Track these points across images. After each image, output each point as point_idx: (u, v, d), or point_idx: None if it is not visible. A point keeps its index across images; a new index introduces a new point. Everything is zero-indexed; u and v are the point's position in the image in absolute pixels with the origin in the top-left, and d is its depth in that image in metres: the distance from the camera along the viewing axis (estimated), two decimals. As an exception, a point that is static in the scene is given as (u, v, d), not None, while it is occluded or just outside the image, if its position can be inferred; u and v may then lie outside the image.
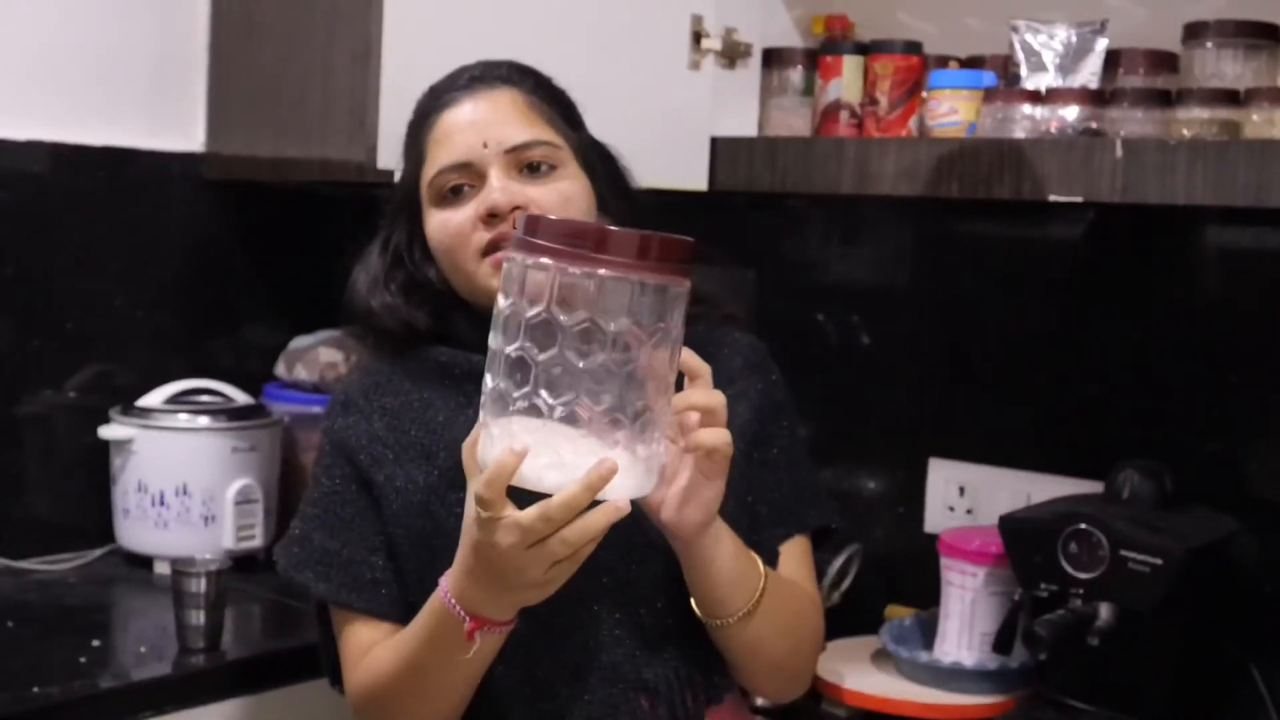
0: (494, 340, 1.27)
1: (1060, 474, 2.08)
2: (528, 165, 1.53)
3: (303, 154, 2.22)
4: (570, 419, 1.24)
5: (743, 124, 2.15)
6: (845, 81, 2.11)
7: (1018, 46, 1.99)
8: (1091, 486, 1.95)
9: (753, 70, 2.16)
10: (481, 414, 1.29)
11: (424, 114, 1.58)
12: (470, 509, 1.31)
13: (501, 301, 1.26)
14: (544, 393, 1.23)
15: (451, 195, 1.53)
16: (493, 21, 1.90)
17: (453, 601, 1.38)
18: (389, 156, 1.87)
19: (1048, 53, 1.97)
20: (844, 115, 2.11)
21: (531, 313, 1.23)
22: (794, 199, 2.27)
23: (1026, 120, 1.91)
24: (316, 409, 2.37)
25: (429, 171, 1.54)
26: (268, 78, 2.29)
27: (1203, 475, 1.95)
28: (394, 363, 1.62)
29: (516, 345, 1.24)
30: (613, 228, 1.25)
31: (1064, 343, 2.14)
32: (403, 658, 1.48)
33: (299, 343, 2.48)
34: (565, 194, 1.53)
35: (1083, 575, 1.78)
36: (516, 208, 1.49)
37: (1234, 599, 1.86)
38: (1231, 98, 1.80)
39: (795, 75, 2.17)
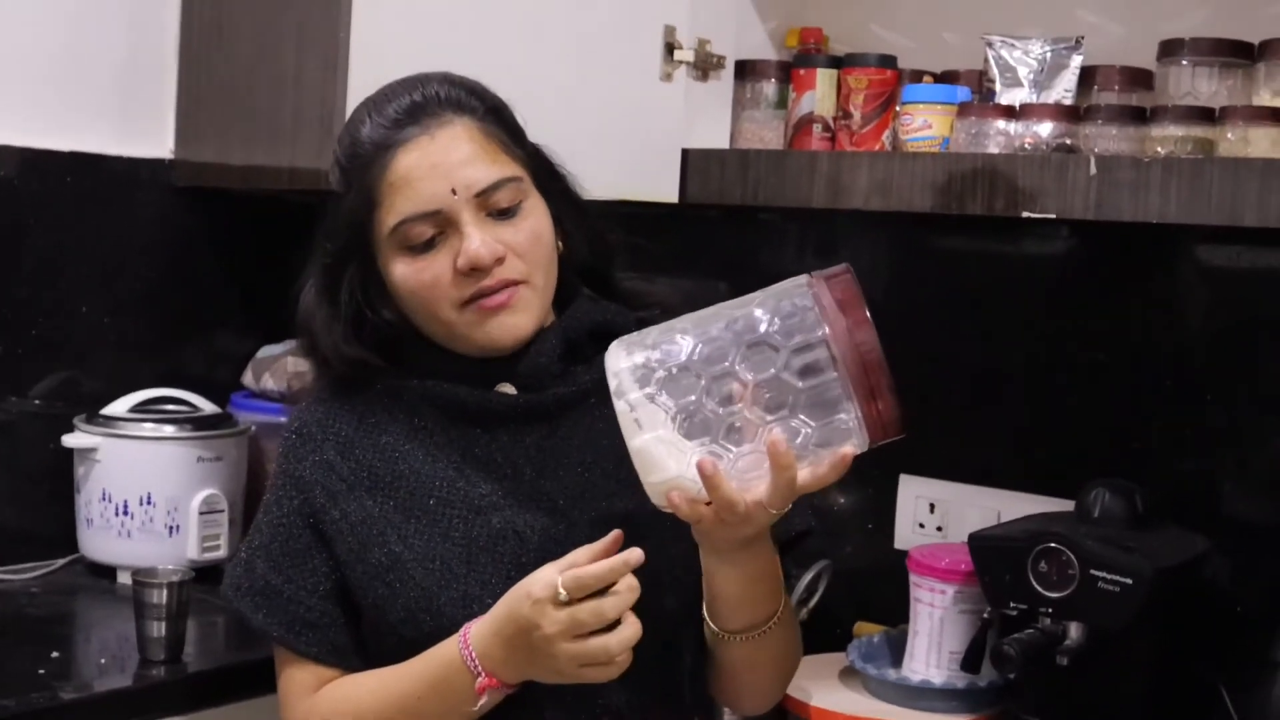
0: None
1: (1031, 492, 2.07)
2: (492, 210, 1.48)
3: (272, 162, 2.21)
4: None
5: (715, 136, 2.14)
6: (819, 95, 2.10)
7: (992, 62, 1.99)
8: (1062, 505, 1.94)
9: (725, 82, 2.15)
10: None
11: (372, 151, 1.48)
12: (539, 585, 1.35)
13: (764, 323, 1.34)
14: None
15: (418, 246, 1.48)
16: (462, 31, 1.89)
17: (474, 655, 1.40)
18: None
19: (1023, 68, 1.97)
20: (817, 128, 2.10)
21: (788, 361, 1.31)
22: (766, 212, 2.26)
23: (1000, 136, 1.91)
24: (284, 419, 2.34)
25: (388, 219, 1.47)
26: (238, 85, 2.28)
27: (1175, 494, 1.94)
28: (345, 389, 1.58)
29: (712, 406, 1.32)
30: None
31: (1036, 360, 2.14)
32: (394, 697, 1.46)
33: (267, 351, 2.46)
34: (536, 232, 1.51)
35: (1052, 594, 1.77)
36: (498, 260, 1.47)
37: (1205, 619, 1.85)
38: (1206, 115, 1.80)
39: (768, 88, 2.16)
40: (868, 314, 1.34)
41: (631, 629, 1.35)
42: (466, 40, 1.87)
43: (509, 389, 1.55)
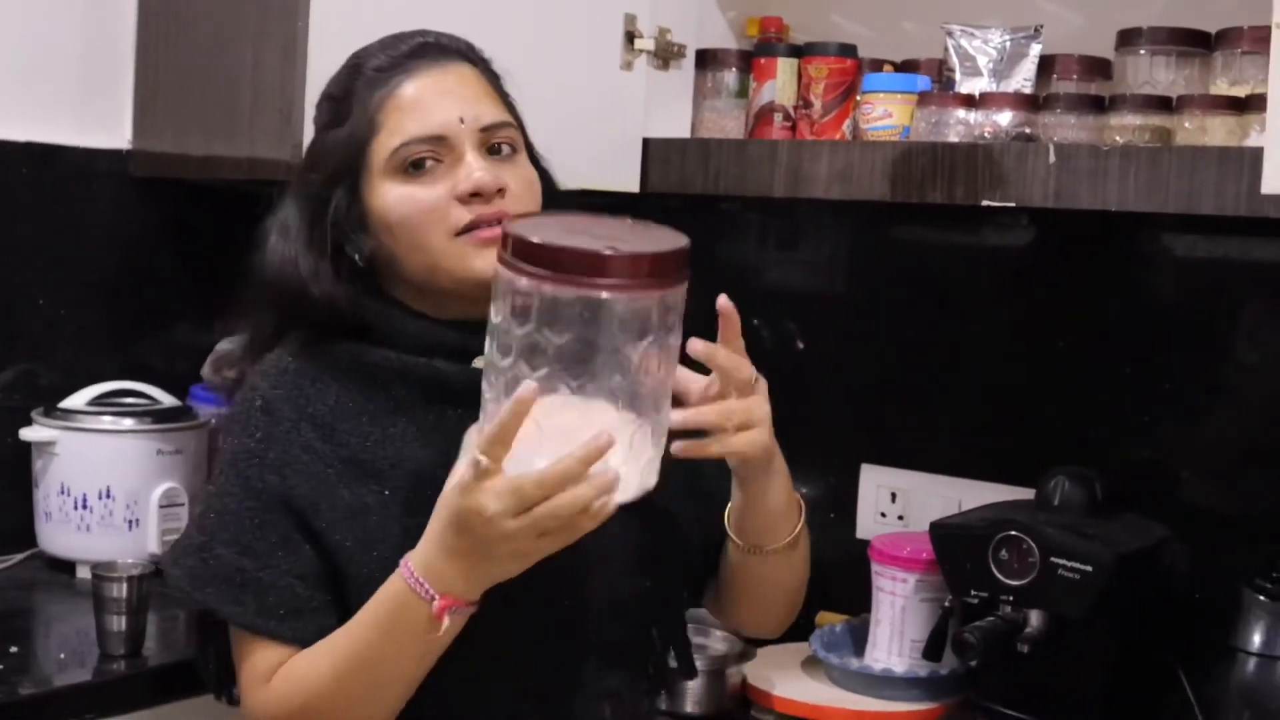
0: (488, 348, 1.29)
1: (992, 480, 2.08)
2: (492, 146, 1.48)
3: (231, 152, 2.19)
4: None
5: (676, 125, 2.14)
6: (779, 84, 2.10)
7: (952, 51, 1.99)
8: (1023, 493, 1.95)
9: (686, 71, 2.15)
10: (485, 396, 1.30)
11: (379, 76, 1.48)
12: (457, 475, 1.30)
13: (494, 316, 1.28)
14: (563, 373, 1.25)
15: (414, 169, 1.45)
16: (421, 20, 1.87)
17: (421, 580, 1.33)
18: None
19: (982, 57, 1.97)
20: (778, 118, 2.10)
21: (520, 331, 1.25)
22: (727, 201, 2.26)
23: (960, 125, 1.91)
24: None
25: (390, 141, 1.45)
26: (196, 74, 2.26)
27: (1134, 482, 1.95)
28: (311, 361, 1.49)
29: (510, 361, 1.26)
30: (609, 252, 1.24)
31: (997, 348, 2.14)
32: (348, 657, 1.39)
33: (227, 344, 2.44)
34: (529, 179, 1.51)
35: (1013, 582, 1.78)
36: (500, 190, 1.45)
37: (1164, 605, 1.86)
38: (1164, 104, 1.81)
39: (729, 77, 2.16)
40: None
41: (584, 489, 1.26)
42: (423, 26, 1.85)
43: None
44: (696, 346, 1.36)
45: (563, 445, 1.25)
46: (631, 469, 1.29)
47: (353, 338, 1.50)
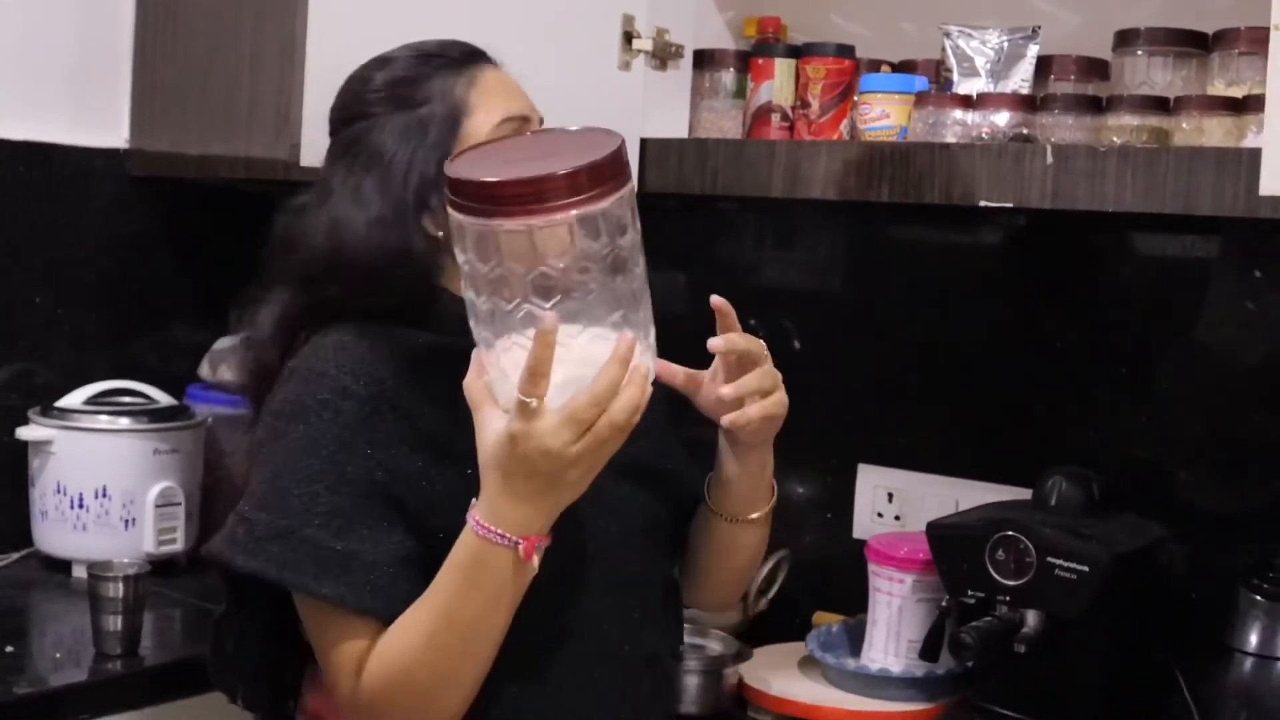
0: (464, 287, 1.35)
1: (989, 480, 2.08)
2: None
3: (228, 151, 2.20)
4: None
5: (673, 125, 2.13)
6: (777, 84, 2.10)
7: (950, 51, 1.99)
8: (1020, 493, 1.95)
9: (684, 71, 2.14)
10: (477, 347, 1.35)
11: (449, 65, 1.56)
12: (498, 428, 1.33)
13: (459, 258, 1.34)
14: (536, 299, 1.29)
15: None
16: (419, 20, 1.87)
17: (500, 532, 1.35)
18: (313, 155, 1.83)
19: (980, 58, 1.97)
20: (775, 118, 2.10)
21: (485, 269, 1.30)
22: (725, 201, 2.26)
23: (957, 125, 1.91)
24: (241, 410, 2.33)
25: (489, 118, 1.53)
26: (194, 74, 2.26)
27: (1132, 482, 1.95)
28: (373, 343, 1.48)
29: (485, 298, 1.32)
30: (537, 175, 1.28)
31: (995, 349, 2.14)
32: (441, 622, 1.39)
33: (224, 343, 2.44)
34: None
35: (1010, 582, 1.78)
36: None
37: (1161, 605, 1.86)
38: (1161, 105, 1.81)
39: (727, 77, 2.16)
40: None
41: (631, 391, 1.32)
42: (422, 29, 1.85)
43: None
44: (717, 344, 1.45)
45: (581, 362, 1.30)
46: (646, 360, 1.35)
47: (392, 321, 1.51)
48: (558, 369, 1.29)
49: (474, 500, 1.38)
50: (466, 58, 1.58)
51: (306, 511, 1.43)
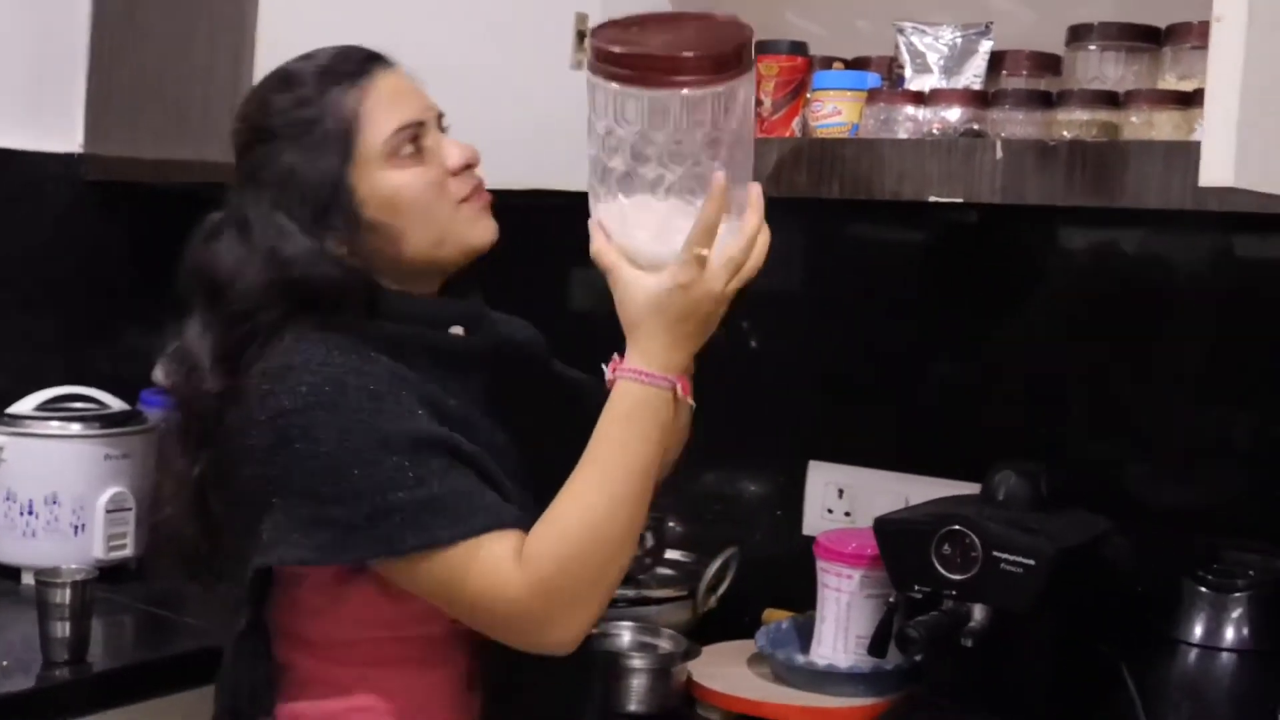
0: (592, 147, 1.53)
1: (940, 476, 2.08)
2: (443, 128, 1.63)
3: (184, 155, 2.19)
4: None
5: (627, 123, 2.13)
6: (725, 84, 2.09)
7: (903, 48, 2.00)
8: (970, 488, 1.95)
9: (638, 69, 2.14)
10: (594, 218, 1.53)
11: (344, 79, 1.56)
12: (651, 283, 1.46)
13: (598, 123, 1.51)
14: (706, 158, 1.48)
15: (408, 152, 1.56)
16: (372, 20, 1.87)
17: (662, 376, 1.47)
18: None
19: (933, 54, 1.98)
20: (727, 116, 2.10)
21: (633, 134, 1.47)
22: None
23: (909, 121, 1.91)
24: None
25: (381, 130, 1.54)
26: (149, 78, 2.26)
27: (1079, 476, 1.96)
28: (344, 337, 1.51)
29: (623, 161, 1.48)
30: (685, 54, 1.45)
31: (945, 344, 2.15)
32: (620, 477, 1.46)
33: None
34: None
35: (956, 576, 1.78)
36: (478, 159, 1.61)
37: (1107, 598, 1.86)
38: (1111, 99, 1.81)
39: (680, 74, 2.15)
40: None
41: (764, 234, 1.53)
42: (376, 29, 1.84)
43: (460, 331, 1.61)
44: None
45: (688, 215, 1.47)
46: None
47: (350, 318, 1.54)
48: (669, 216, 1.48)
49: (614, 357, 1.51)
50: (361, 67, 1.58)
51: (377, 487, 1.42)
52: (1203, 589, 1.74)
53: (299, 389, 1.45)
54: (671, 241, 1.47)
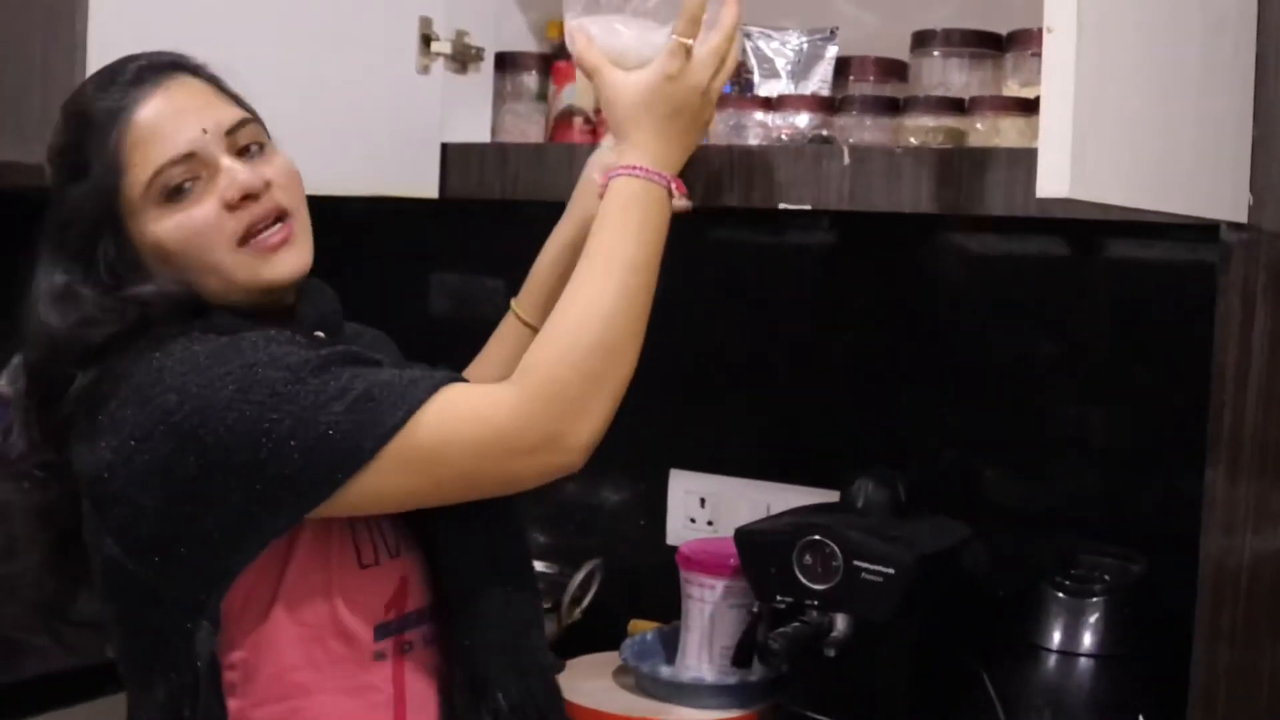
0: None
1: (801, 484, 2.08)
2: (243, 149, 1.47)
3: (20, 158, 2.11)
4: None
5: (475, 130, 2.09)
6: (579, 87, 2.06)
7: (750, 53, 1.98)
8: (831, 495, 1.95)
9: (485, 75, 2.09)
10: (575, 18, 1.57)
11: (108, 118, 1.43)
12: (638, 78, 1.50)
13: None
14: None
15: (176, 195, 1.42)
16: (207, 21, 1.81)
17: (656, 171, 1.49)
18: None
19: (780, 59, 1.96)
20: (578, 121, 2.07)
21: None
22: (533, 206, 2.22)
23: (759, 127, 1.89)
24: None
25: (142, 174, 1.42)
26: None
27: (938, 482, 1.96)
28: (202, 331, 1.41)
29: None
30: None
31: (803, 351, 2.14)
32: (623, 270, 1.45)
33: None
34: (288, 168, 1.50)
35: (817, 586, 1.77)
36: (266, 184, 1.45)
37: (967, 605, 1.87)
38: (957, 106, 1.81)
39: (529, 80, 2.12)
40: None
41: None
42: (211, 31, 1.78)
43: (321, 335, 1.52)
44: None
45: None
46: None
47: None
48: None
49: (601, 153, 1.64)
50: (125, 91, 1.44)
51: (309, 409, 1.33)
52: (1060, 594, 1.74)
53: (174, 382, 1.34)
54: (654, 41, 1.51)
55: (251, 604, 1.41)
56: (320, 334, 1.53)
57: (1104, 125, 1.35)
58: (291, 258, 1.47)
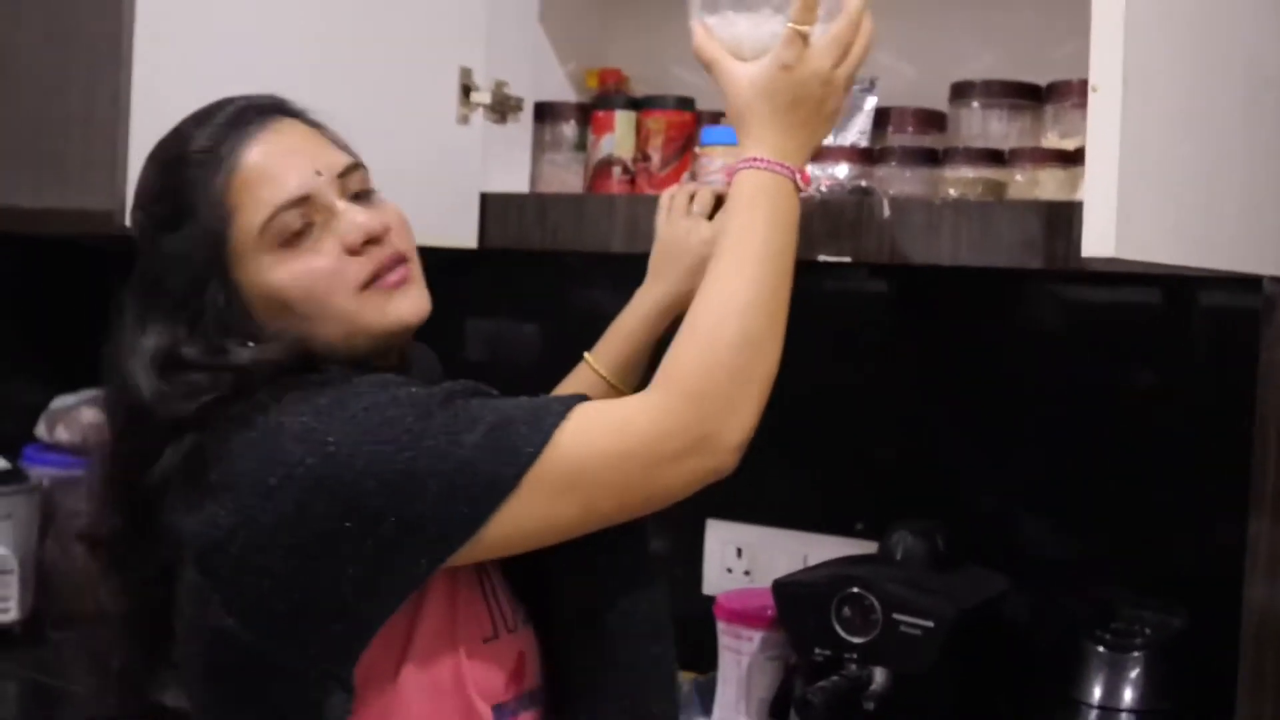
0: None
1: (838, 534, 2.07)
2: (355, 193, 1.40)
3: (62, 204, 2.13)
4: None
5: (514, 179, 2.10)
6: (618, 137, 2.07)
7: (789, 104, 1.98)
8: (869, 546, 1.94)
9: (524, 124, 2.11)
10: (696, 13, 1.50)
11: (206, 160, 1.35)
12: (756, 70, 1.44)
13: None
14: None
15: (292, 239, 1.35)
16: (250, 73, 1.82)
17: (780, 163, 1.43)
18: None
19: (819, 110, 1.96)
20: (616, 171, 2.08)
21: None
22: (571, 256, 2.23)
23: (796, 177, 1.90)
24: (79, 471, 2.27)
25: (255, 217, 1.33)
26: (24, 126, 2.19)
27: (977, 534, 1.95)
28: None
29: None
30: None
31: (842, 401, 2.13)
32: (756, 262, 1.41)
33: (61, 402, 2.38)
34: (400, 214, 1.44)
35: (856, 639, 1.77)
36: (386, 229, 1.39)
37: (1006, 657, 1.86)
38: (996, 157, 1.81)
39: (568, 130, 2.13)
40: None
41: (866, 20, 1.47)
42: (253, 79, 1.79)
43: None
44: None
45: None
46: None
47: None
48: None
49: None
50: (228, 131, 1.38)
51: (441, 444, 1.25)
52: (1100, 648, 1.73)
53: (296, 432, 1.26)
54: (773, 30, 1.46)
55: (374, 677, 1.31)
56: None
57: (1148, 184, 1.35)
58: (414, 297, 1.40)
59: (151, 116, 1.79)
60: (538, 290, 2.34)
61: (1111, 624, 1.76)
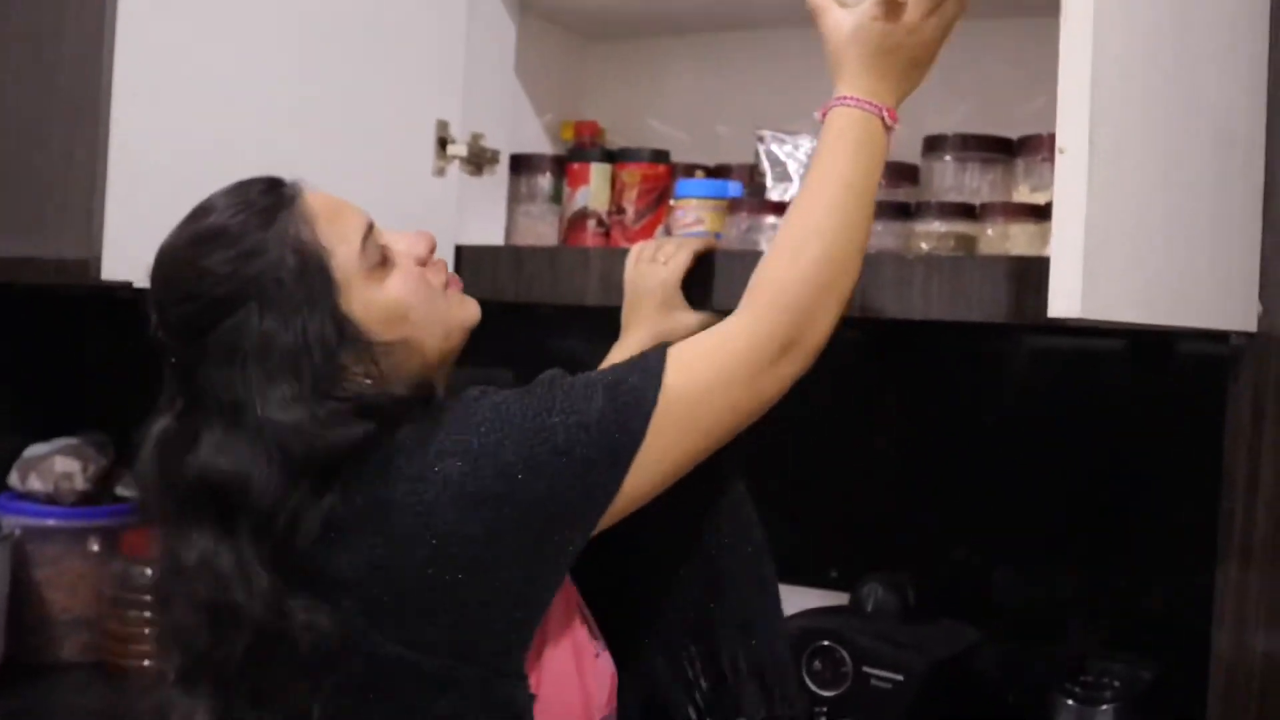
0: None
1: (810, 586, 2.07)
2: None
3: (37, 254, 2.13)
4: None
5: (490, 232, 2.11)
6: (593, 189, 2.09)
7: (763, 156, 2.00)
8: (840, 598, 1.95)
9: (500, 177, 2.12)
10: None
11: (270, 211, 1.40)
12: (852, 18, 1.49)
13: None
14: None
15: (379, 263, 1.44)
16: (229, 125, 1.84)
17: (870, 101, 1.50)
18: (116, 259, 1.78)
19: (792, 163, 1.98)
20: (591, 224, 2.09)
21: None
22: (544, 308, 2.24)
23: (771, 230, 1.91)
24: (51, 521, 2.27)
25: (351, 245, 1.41)
26: (2, 174, 2.19)
27: (946, 585, 1.96)
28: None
29: None
30: None
31: (812, 452, 2.14)
32: (842, 191, 1.49)
33: (34, 451, 2.37)
34: None
35: (827, 693, 1.77)
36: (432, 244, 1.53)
37: (977, 709, 1.86)
38: (968, 211, 1.83)
39: (544, 182, 2.14)
40: None
41: None
42: (231, 129, 1.82)
43: None
44: None
45: None
46: None
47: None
48: None
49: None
50: (277, 195, 1.43)
51: (570, 419, 1.37)
52: (1070, 701, 1.74)
53: (448, 448, 1.35)
54: None
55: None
56: None
57: (1116, 245, 1.36)
58: (473, 300, 1.57)
59: (129, 168, 1.80)
60: (513, 342, 2.34)
61: (1081, 676, 1.77)
